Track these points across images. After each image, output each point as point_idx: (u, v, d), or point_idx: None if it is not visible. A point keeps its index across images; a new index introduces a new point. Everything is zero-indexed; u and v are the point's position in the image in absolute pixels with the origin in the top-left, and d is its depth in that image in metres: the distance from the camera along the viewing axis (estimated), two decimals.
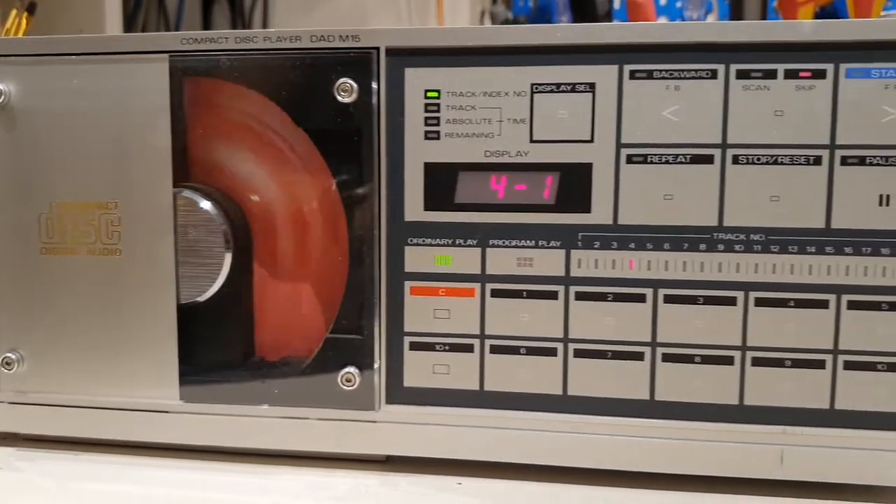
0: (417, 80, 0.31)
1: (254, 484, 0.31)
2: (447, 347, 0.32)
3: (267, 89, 0.31)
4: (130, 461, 0.33)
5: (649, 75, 0.29)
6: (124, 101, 0.32)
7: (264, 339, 0.33)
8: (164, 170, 0.32)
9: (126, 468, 0.33)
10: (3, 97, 0.33)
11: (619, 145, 0.30)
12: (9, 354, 0.34)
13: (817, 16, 0.74)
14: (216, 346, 0.33)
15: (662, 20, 0.83)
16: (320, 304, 0.33)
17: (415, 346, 0.32)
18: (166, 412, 0.33)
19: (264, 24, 1.12)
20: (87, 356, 0.33)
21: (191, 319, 0.33)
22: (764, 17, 0.74)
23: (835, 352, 0.29)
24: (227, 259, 0.32)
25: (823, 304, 0.29)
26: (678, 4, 0.85)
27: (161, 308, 0.33)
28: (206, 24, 1.15)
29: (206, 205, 0.32)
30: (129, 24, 0.98)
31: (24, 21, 0.62)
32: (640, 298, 0.30)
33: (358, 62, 0.30)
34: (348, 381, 0.32)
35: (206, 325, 0.33)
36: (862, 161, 0.29)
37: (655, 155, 0.30)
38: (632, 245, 0.30)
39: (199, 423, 0.33)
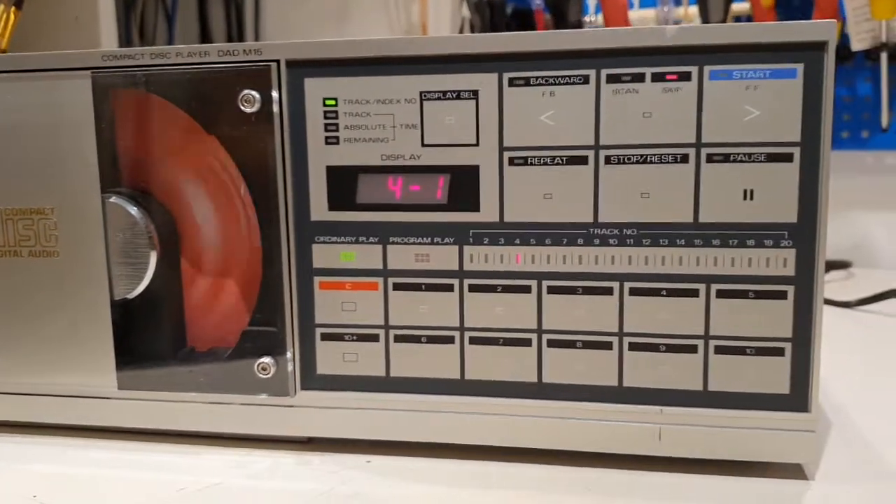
0: (316, 89, 0.33)
1: (183, 463, 0.34)
2: (355, 337, 0.34)
3: (180, 100, 0.34)
4: (71, 443, 0.36)
5: (527, 82, 0.31)
6: (53, 114, 0.35)
7: (191, 331, 0.36)
8: (93, 177, 0.35)
9: (67, 449, 0.36)
10: None
11: (502, 148, 0.32)
12: None
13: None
14: (148, 337, 0.36)
15: (643, 11, 0.83)
16: (240, 298, 0.35)
17: (325, 337, 0.34)
18: (105, 398, 0.36)
19: (256, 14, 1.14)
20: (29, 348, 0.36)
21: (124, 314, 0.35)
22: (730, 2, 0.75)
23: (706, 337, 0.31)
24: (153, 258, 0.35)
25: (694, 293, 0.31)
26: None
27: (96, 304, 0.35)
28: (203, 16, 1.17)
29: (132, 209, 0.35)
30: (127, 14, 1.00)
31: (11, 16, 0.64)
32: (526, 289, 0.32)
33: (259, 74, 0.33)
34: (264, 370, 0.34)
35: (139, 318, 0.36)
36: (726, 158, 0.30)
37: (535, 157, 0.32)
38: (517, 241, 0.32)
39: (134, 408, 0.36)
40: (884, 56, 0.72)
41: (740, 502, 0.30)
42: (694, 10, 0.82)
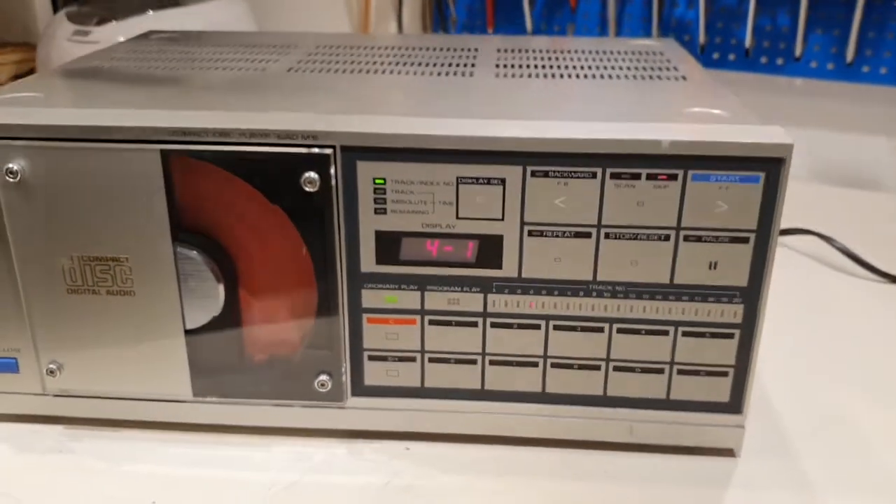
0: (367, 170, 0.39)
1: (256, 458, 0.43)
2: (396, 359, 0.42)
3: (244, 174, 0.39)
4: (154, 437, 0.44)
5: (546, 174, 0.38)
6: (125, 178, 0.39)
7: (256, 349, 0.43)
8: (164, 230, 0.40)
9: (151, 444, 0.44)
10: (18, 175, 0.39)
11: (523, 223, 0.39)
12: (50, 365, 0.43)
13: None
14: (218, 355, 0.43)
15: None
16: (300, 328, 0.42)
17: (372, 358, 0.43)
18: (182, 401, 0.44)
19: None
20: (114, 370, 0.43)
21: (197, 338, 0.42)
22: None
23: (671, 363, 0.41)
24: (220, 296, 0.41)
25: (665, 333, 0.41)
26: None
27: (171, 333, 0.42)
28: None
29: (199, 257, 0.40)
30: None
31: None
32: (537, 327, 0.41)
33: (319, 159, 0.38)
34: (322, 385, 0.43)
35: (210, 341, 0.42)
36: (699, 238, 0.39)
37: (549, 230, 0.39)
38: (531, 292, 0.40)
39: (206, 409, 0.44)
40: None
41: (691, 472, 0.41)
42: None
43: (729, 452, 0.43)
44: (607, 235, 0.39)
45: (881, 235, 0.72)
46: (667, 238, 0.39)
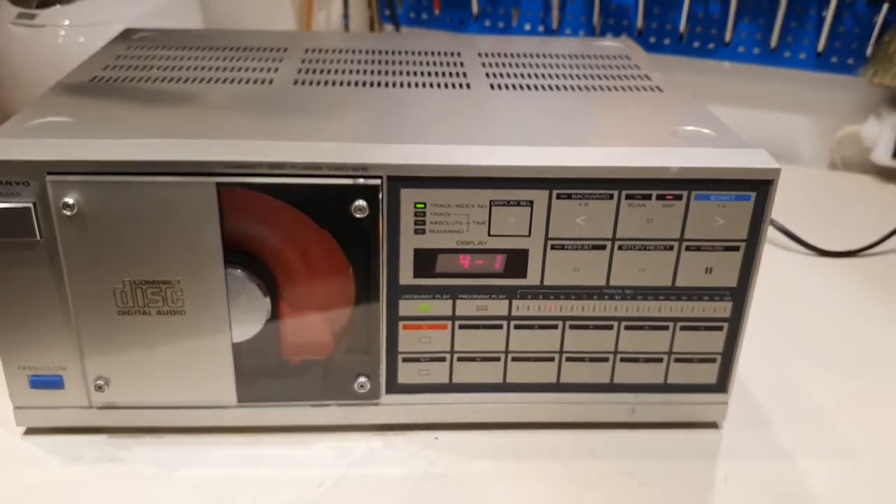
0: (410, 196, 0.42)
1: (299, 455, 0.47)
2: (428, 359, 0.47)
3: (296, 203, 0.42)
4: (202, 440, 0.47)
5: (569, 196, 0.43)
6: (180, 209, 0.41)
7: (298, 355, 0.47)
8: (217, 255, 0.43)
9: (200, 448, 0.47)
10: (74, 208, 0.41)
11: (547, 238, 0.44)
12: (98, 381, 0.46)
13: None
14: (262, 363, 0.46)
15: None
16: (338, 336, 0.46)
17: (406, 360, 0.47)
18: (227, 407, 0.47)
19: None
20: (160, 382, 0.46)
21: (242, 349, 0.45)
22: None
23: (670, 353, 0.47)
24: (265, 312, 0.45)
25: (665, 327, 0.47)
26: None
27: (219, 346, 0.45)
28: None
29: (250, 278, 0.43)
30: None
31: None
32: (555, 327, 0.46)
33: (368, 189, 0.42)
34: (361, 387, 0.47)
35: (254, 352, 0.46)
36: (698, 248, 0.45)
37: (570, 244, 0.44)
38: (552, 297, 0.46)
39: (250, 412, 0.47)
40: None
41: (685, 443, 0.48)
42: None
43: (713, 425, 0.50)
44: (620, 247, 0.44)
45: (803, 208, 0.80)
46: (671, 248, 0.45)
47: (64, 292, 0.43)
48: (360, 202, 0.42)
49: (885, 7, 0.82)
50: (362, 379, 0.47)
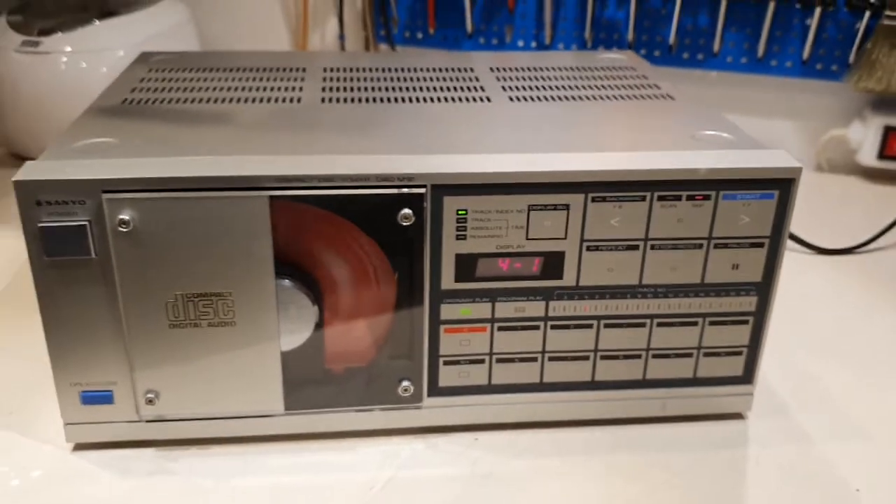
0: (452, 204, 0.44)
1: (347, 460, 0.48)
2: (468, 361, 0.49)
3: (345, 213, 0.44)
4: (251, 450, 0.48)
5: (603, 199, 0.45)
6: (233, 223, 0.43)
7: (342, 363, 0.48)
8: (267, 267, 0.44)
9: (249, 457, 0.48)
10: (130, 225, 0.42)
11: (582, 240, 0.46)
12: (148, 394, 0.46)
13: None
14: (308, 371, 0.47)
15: None
16: (381, 342, 0.48)
17: (447, 363, 0.48)
18: (275, 416, 0.48)
19: None
20: (209, 393, 0.47)
21: (290, 358, 0.47)
22: None
23: (699, 347, 0.50)
24: (312, 321, 0.46)
25: (695, 323, 0.49)
26: None
27: (268, 356, 0.46)
28: None
29: (300, 288, 0.45)
30: None
31: None
32: (590, 326, 0.48)
33: (414, 198, 0.43)
34: (405, 391, 0.48)
35: (301, 359, 0.47)
36: (725, 245, 0.47)
37: (604, 245, 0.46)
38: (587, 297, 0.47)
39: (297, 420, 0.48)
40: (724, 1, 0.89)
41: (714, 434, 0.50)
42: None
43: (738, 416, 0.52)
44: (652, 247, 0.46)
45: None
46: (700, 246, 0.47)
47: (116, 308, 0.44)
48: (407, 210, 0.44)
49: (867, 15, 0.86)
50: (405, 383, 0.48)
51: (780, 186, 0.46)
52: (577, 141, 0.48)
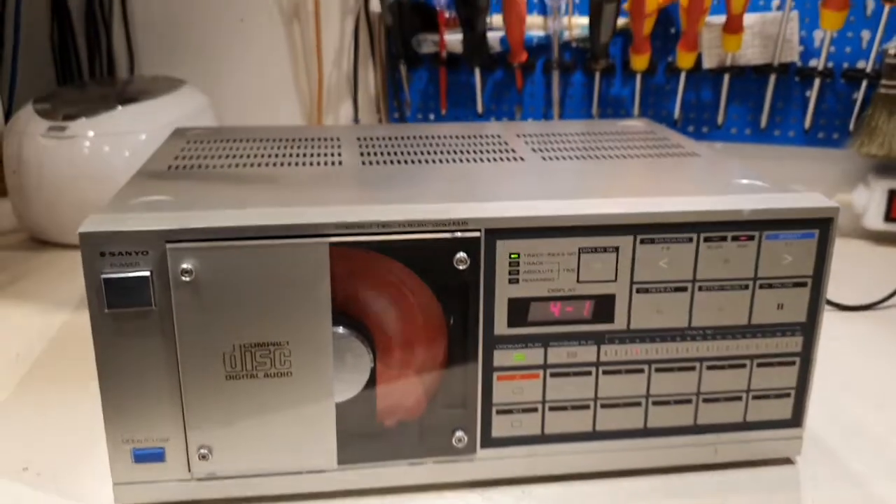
0: (505, 248, 0.45)
1: None
2: (521, 410, 0.48)
3: (402, 258, 0.44)
4: None
5: (652, 241, 0.46)
6: (293, 270, 0.43)
7: (395, 414, 0.48)
8: (325, 315, 0.44)
9: None
10: (192, 274, 0.43)
11: (632, 283, 0.47)
12: (201, 450, 0.46)
13: (657, 20, 0.92)
14: (362, 423, 0.47)
15: (535, 17, 0.97)
16: (434, 391, 0.48)
17: (500, 412, 0.48)
18: (327, 471, 0.47)
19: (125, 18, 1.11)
20: (262, 445, 0.46)
21: (343, 410, 0.46)
22: (617, 19, 0.91)
23: (748, 391, 0.50)
24: (368, 372, 0.46)
25: (743, 365, 0.49)
26: None
27: (322, 407, 0.46)
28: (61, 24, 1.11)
29: (356, 336, 0.45)
30: None
31: None
32: (641, 371, 0.49)
33: (469, 242, 0.44)
34: (459, 441, 0.48)
35: (355, 411, 0.47)
36: (770, 286, 0.48)
37: (653, 287, 0.47)
38: (637, 340, 0.48)
39: (350, 476, 0.48)
40: (727, 77, 0.93)
41: (767, 479, 0.50)
42: (578, 19, 0.97)
43: (787, 461, 0.52)
44: (700, 288, 0.47)
45: None
46: (746, 287, 0.48)
47: (173, 360, 0.44)
48: (462, 254, 0.44)
49: (864, 85, 0.90)
50: (459, 433, 0.48)
51: (820, 226, 0.47)
52: (620, 188, 0.50)
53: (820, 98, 0.93)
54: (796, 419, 0.51)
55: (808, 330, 0.49)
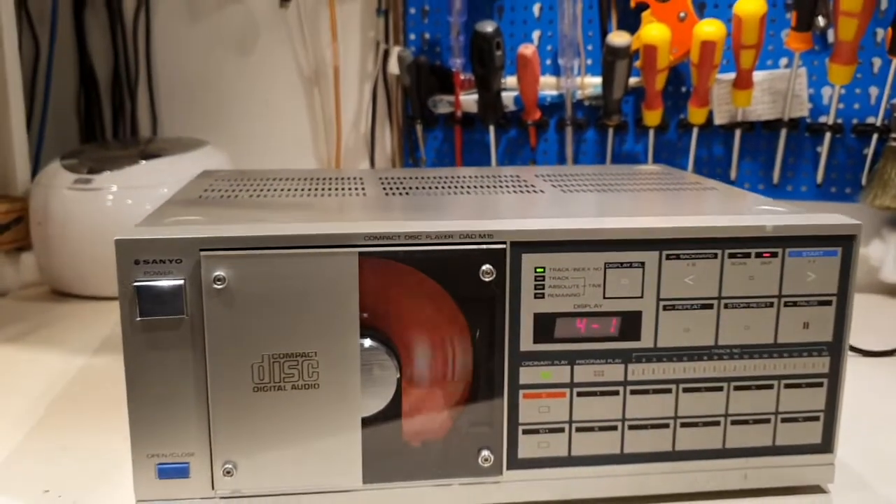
0: (531, 262, 0.46)
1: None
2: (547, 430, 0.48)
3: (428, 269, 0.45)
4: None
5: (677, 257, 0.47)
6: (323, 280, 0.44)
7: (420, 432, 0.47)
8: (353, 326, 0.45)
9: None
10: (224, 281, 0.43)
11: (658, 299, 0.47)
12: (226, 465, 0.45)
13: (669, 78, 0.94)
14: (388, 441, 0.47)
15: (548, 77, 1.00)
16: (461, 407, 0.47)
17: (526, 432, 0.48)
18: (352, 490, 0.47)
19: (147, 34, 1.16)
20: (287, 462, 0.46)
21: (369, 424, 0.46)
22: (629, 75, 0.94)
23: (776, 413, 0.49)
24: (395, 386, 0.46)
25: (771, 386, 0.49)
26: (548, 47, 1.02)
27: (348, 423, 0.46)
28: (80, 29, 1.16)
29: (383, 349, 0.45)
30: None
31: None
32: (668, 391, 0.48)
33: (495, 254, 0.45)
34: (486, 460, 0.47)
35: (380, 427, 0.46)
36: (795, 304, 0.48)
37: (680, 304, 0.47)
38: (665, 359, 0.48)
39: (375, 496, 0.47)
40: (738, 132, 0.95)
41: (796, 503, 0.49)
42: (590, 79, 1.00)
43: (818, 489, 0.51)
44: (726, 306, 0.48)
45: None
46: (771, 305, 0.48)
47: (201, 371, 0.44)
48: (488, 266, 0.45)
49: (874, 139, 0.91)
50: (485, 452, 0.47)
51: (842, 243, 0.47)
52: (643, 209, 0.51)
53: (831, 153, 0.94)
54: (826, 444, 0.50)
55: (835, 351, 0.49)
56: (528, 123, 1.01)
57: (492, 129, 1.02)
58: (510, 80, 1.01)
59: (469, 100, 1.03)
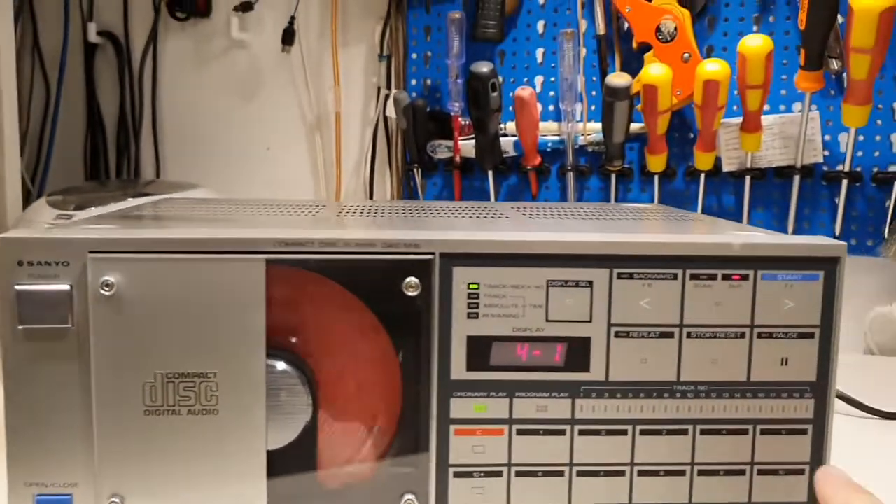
0: (463, 275, 0.41)
1: None
2: (482, 474, 0.42)
3: (345, 281, 0.40)
4: None
5: (630, 276, 0.41)
6: (225, 289, 0.39)
7: (337, 469, 0.42)
8: (259, 344, 0.40)
9: None
10: (113, 288, 0.39)
11: (610, 324, 0.41)
12: (114, 499, 0.40)
13: (672, 121, 0.90)
14: (297, 479, 0.41)
15: (549, 123, 0.96)
16: (381, 443, 0.42)
17: (457, 475, 0.42)
18: None
19: (154, 78, 1.15)
20: (180, 497, 0.40)
21: (275, 461, 0.41)
22: (630, 118, 0.89)
23: (752, 463, 0.43)
24: (306, 414, 0.41)
25: (743, 432, 0.42)
26: (551, 94, 0.99)
27: (251, 457, 0.40)
28: (89, 72, 1.17)
29: (293, 371, 0.40)
30: None
31: None
32: (623, 433, 0.42)
33: (421, 265, 0.40)
34: None
35: (289, 463, 0.41)
36: (771, 335, 0.42)
37: (634, 331, 0.41)
38: (618, 395, 0.42)
39: None
40: (748, 178, 0.89)
41: None
42: (592, 125, 0.96)
43: None
44: (689, 335, 0.41)
45: (847, 390, 0.76)
46: (742, 336, 0.42)
47: (87, 390, 0.40)
48: (412, 279, 0.40)
49: None
50: (409, 496, 0.41)
51: (825, 266, 0.41)
52: (600, 228, 0.45)
53: (850, 202, 0.88)
54: (814, 503, 0.43)
55: (820, 391, 0.42)
56: (527, 169, 0.97)
57: (490, 173, 0.98)
58: (510, 126, 0.97)
59: (468, 145, 0.99)
